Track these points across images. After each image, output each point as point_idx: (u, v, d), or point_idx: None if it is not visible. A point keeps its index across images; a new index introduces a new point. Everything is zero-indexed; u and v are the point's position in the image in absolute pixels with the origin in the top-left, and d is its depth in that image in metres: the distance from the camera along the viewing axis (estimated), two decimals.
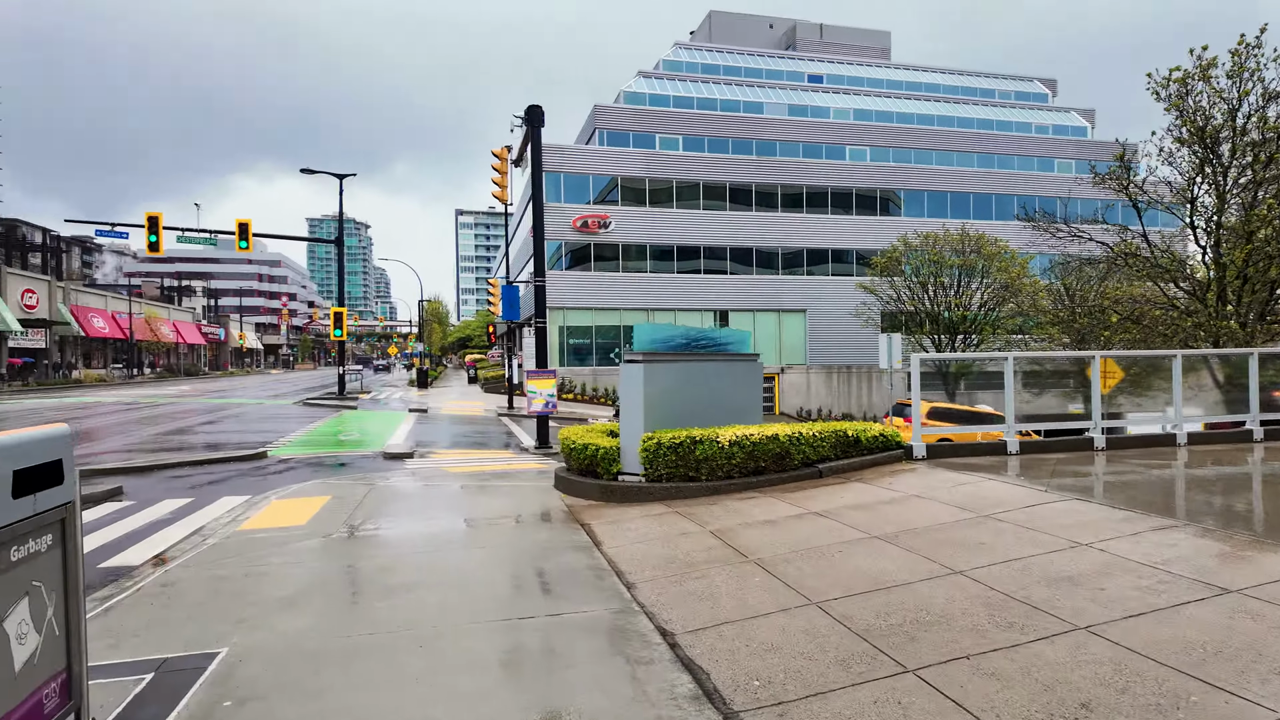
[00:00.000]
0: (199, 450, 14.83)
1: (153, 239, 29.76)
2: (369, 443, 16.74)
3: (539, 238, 15.43)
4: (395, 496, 9.23)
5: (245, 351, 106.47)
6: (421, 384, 42.77)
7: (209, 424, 20.71)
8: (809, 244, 43.89)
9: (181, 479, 11.02)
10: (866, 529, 6.29)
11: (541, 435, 15.64)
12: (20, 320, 51.28)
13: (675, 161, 42.07)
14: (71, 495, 3.44)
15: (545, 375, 15.54)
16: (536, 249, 15.45)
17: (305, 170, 32.64)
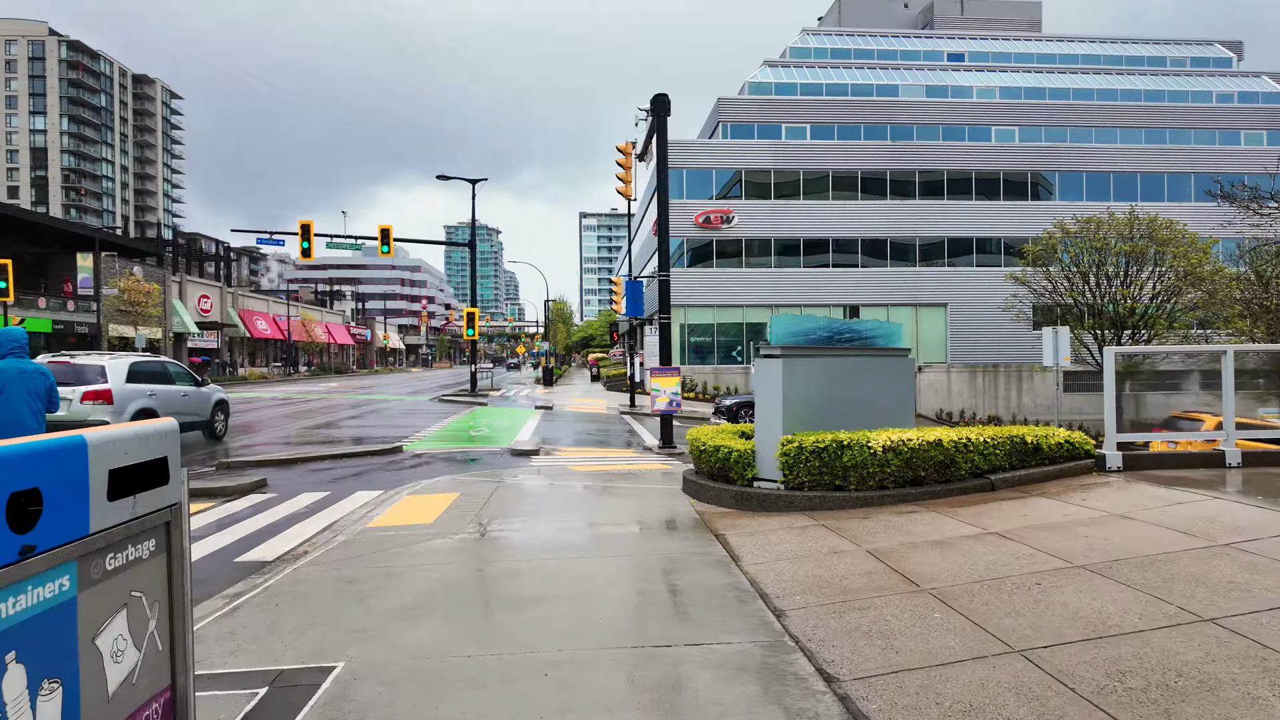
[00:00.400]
0: (341, 444, 15.42)
1: (305, 245, 31.91)
2: (497, 439, 16.87)
3: (664, 229, 14.90)
4: (520, 496, 8.94)
5: (389, 351, 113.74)
6: (547, 382, 43.64)
7: (353, 419, 21.77)
8: (950, 233, 40.94)
9: (322, 472, 11.33)
10: (1067, 556, 5.21)
11: (665, 435, 15.11)
12: (196, 323, 57.15)
13: (802, 151, 40.47)
14: (178, 496, 3.15)
15: (669, 373, 15.00)
16: (661, 241, 14.92)
17: (441, 177, 33.96)
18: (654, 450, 15.02)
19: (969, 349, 41.00)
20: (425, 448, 14.76)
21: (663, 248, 15.05)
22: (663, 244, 15.00)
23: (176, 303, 55.53)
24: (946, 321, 41.02)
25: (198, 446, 14.64)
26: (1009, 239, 41.20)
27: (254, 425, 19.43)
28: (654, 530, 7.00)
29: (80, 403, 12.13)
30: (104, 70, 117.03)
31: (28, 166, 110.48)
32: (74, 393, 12.07)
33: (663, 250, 15.05)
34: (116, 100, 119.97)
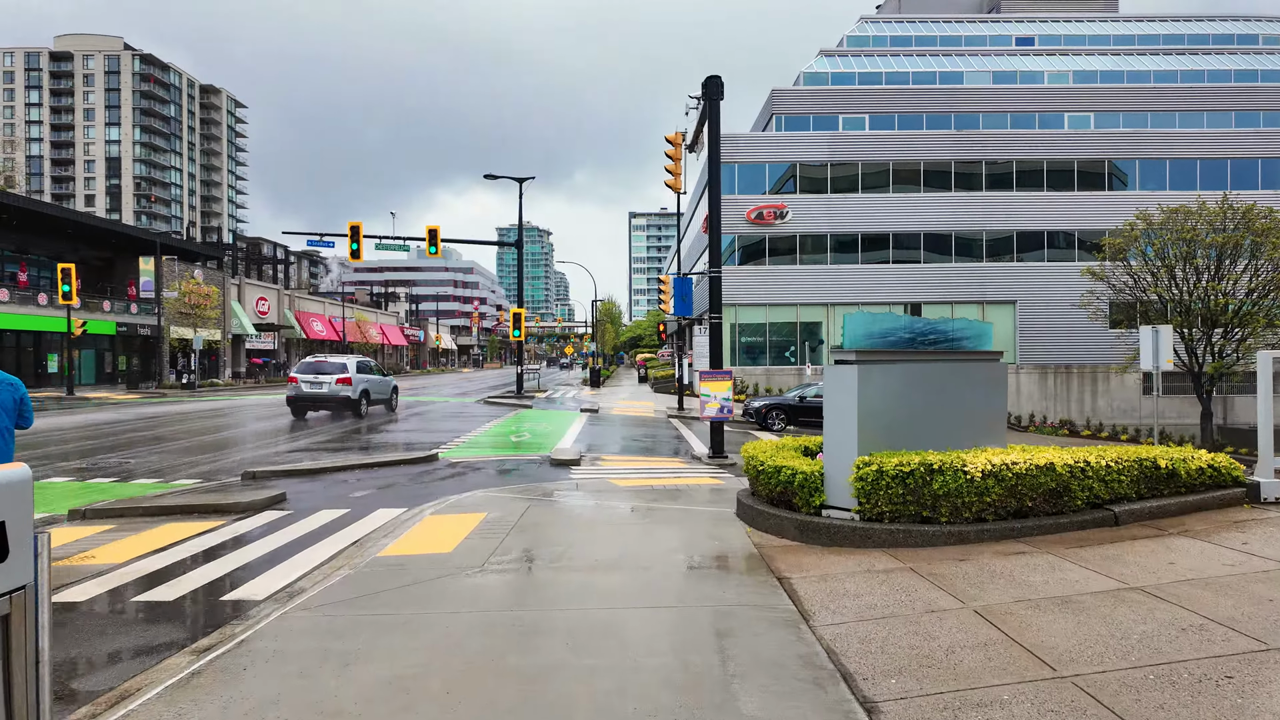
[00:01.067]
0: (374, 451, 14.78)
1: (354, 247, 31.80)
2: (538, 445, 16.03)
3: (715, 223, 13.78)
4: (553, 518, 7.98)
5: (441, 351, 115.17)
6: (594, 383, 42.87)
7: (392, 423, 21.25)
8: (1018, 226, 38.59)
9: (346, 484, 10.60)
10: (1254, 631, 3.93)
11: (716, 443, 13.99)
12: (254, 325, 58.35)
13: (861, 142, 38.68)
14: (25, 576, 2.22)
15: (720, 376, 13.87)
16: (712, 236, 13.81)
17: (488, 176, 33.47)
18: (703, 460, 13.92)
19: (1039, 349, 38.62)
20: (462, 455, 13.98)
21: (714, 243, 13.93)
22: (714, 239, 13.89)
23: (235, 305, 56.77)
24: (1015, 320, 38.69)
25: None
26: (1083, 232, 38.66)
27: (290, 429, 19.03)
28: (705, 570, 5.92)
29: (335, 384, 20.69)
30: (173, 81, 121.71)
31: (103, 175, 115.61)
32: (329, 379, 20.72)
33: (713, 246, 13.93)
34: (184, 110, 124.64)
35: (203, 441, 15.71)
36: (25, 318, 37.92)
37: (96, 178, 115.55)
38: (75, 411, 23.88)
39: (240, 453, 14.14)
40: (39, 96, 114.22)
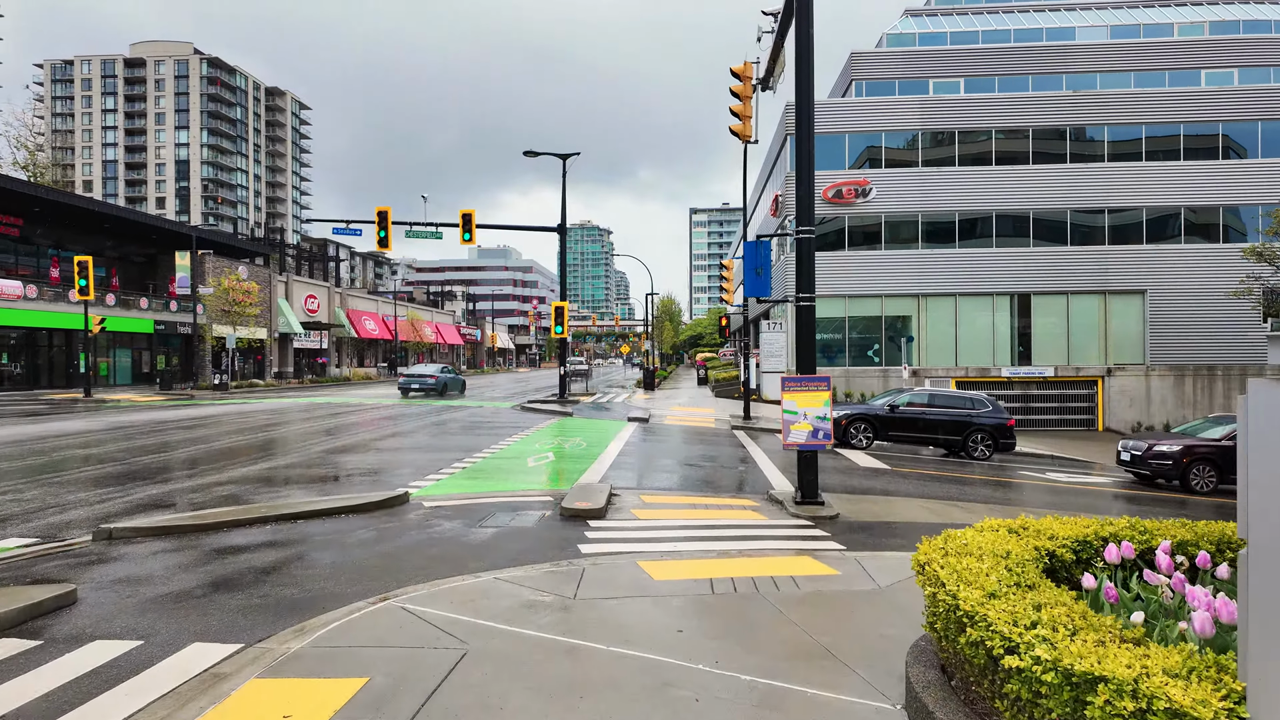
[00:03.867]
0: (336, 484, 10.96)
1: (381, 234, 28.62)
2: (559, 474, 11.96)
3: (805, 162, 9.38)
4: (506, 693, 3.80)
5: (498, 350, 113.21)
6: (648, 385, 38.70)
7: (396, 435, 17.57)
8: (1149, 202, 32.55)
9: (219, 560, 6.68)
10: None
11: (805, 483, 9.59)
12: (303, 323, 56.46)
13: (958, 108, 33.30)
14: None
15: (812, 385, 9.48)
16: (801, 179, 9.41)
17: (528, 153, 29.78)
18: (786, 506, 9.53)
19: (1174, 347, 32.52)
20: (443, 494, 9.99)
21: (803, 192, 9.52)
22: (804, 184, 9.49)
23: (282, 302, 54.96)
24: (1144, 313, 32.68)
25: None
26: (1232, 207, 32.36)
27: (262, 446, 15.48)
28: None
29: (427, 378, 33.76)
30: (239, 84, 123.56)
31: (173, 178, 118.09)
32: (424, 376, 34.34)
33: (803, 196, 9.52)
34: (250, 113, 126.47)
35: (130, 467, 12.23)
36: (56, 315, 36.25)
37: (167, 180, 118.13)
38: (45, 420, 21.08)
39: (157, 485, 10.53)
40: (114, 103, 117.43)
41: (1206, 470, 14.76)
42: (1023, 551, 3.55)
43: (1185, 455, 14.83)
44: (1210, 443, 15.14)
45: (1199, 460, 14.81)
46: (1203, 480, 14.71)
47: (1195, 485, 14.68)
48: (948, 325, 33.29)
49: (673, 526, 8.22)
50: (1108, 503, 12.79)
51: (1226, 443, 14.95)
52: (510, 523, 8.16)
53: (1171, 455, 14.93)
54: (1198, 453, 14.89)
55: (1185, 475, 14.73)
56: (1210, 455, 14.86)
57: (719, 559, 6.58)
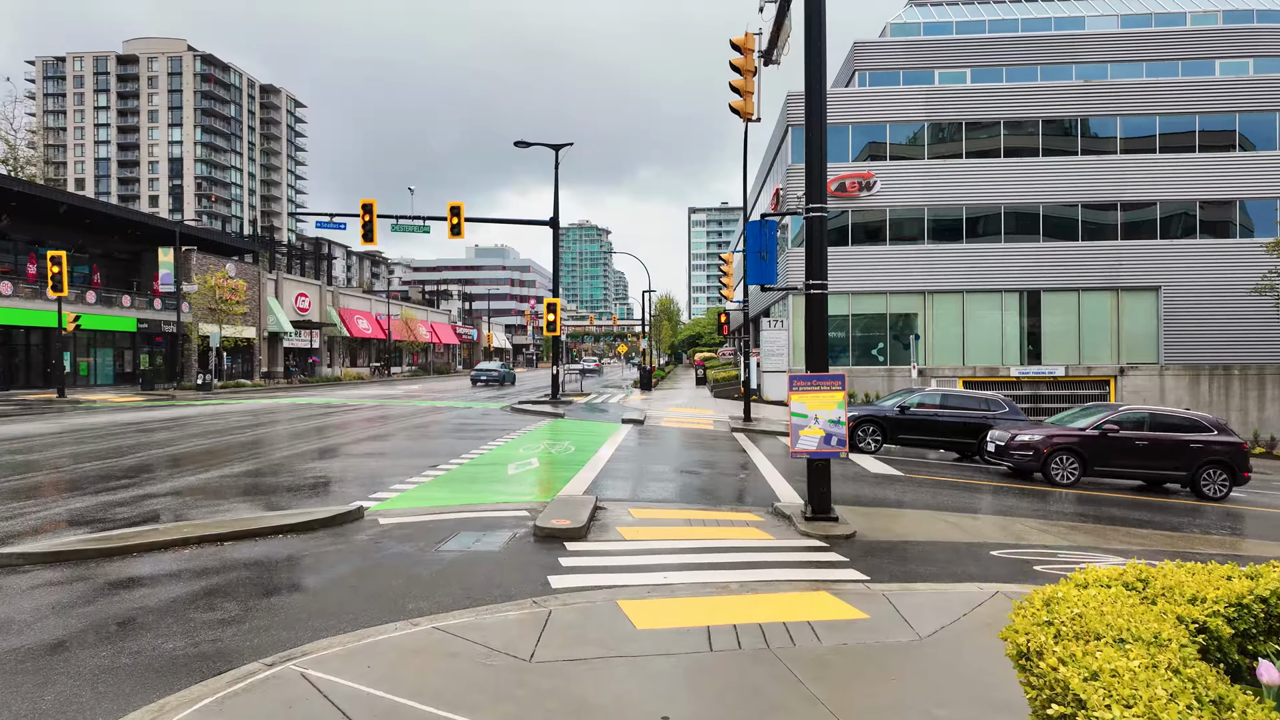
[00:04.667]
0: (289, 495, 9.79)
1: (367, 227, 27.49)
2: (541, 484, 10.79)
3: (817, 126, 8.22)
4: None
5: (494, 350, 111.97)
6: (645, 385, 37.51)
7: (375, 438, 16.39)
8: (1163, 195, 31.41)
9: (98, 599, 5.51)
10: None
11: (816, 495, 8.41)
12: (293, 322, 55.21)
13: (965, 98, 32.15)
14: None
15: (824, 385, 8.31)
16: (811, 147, 8.25)
17: (519, 143, 28.62)
18: (795, 522, 8.35)
19: (1189, 345, 31.39)
20: (404, 507, 8.81)
21: (814, 164, 8.36)
22: (814, 153, 8.32)
23: (271, 301, 53.70)
24: (1158, 310, 31.55)
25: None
26: (1250, 199, 31.23)
27: (213, 453, 14.30)
28: None
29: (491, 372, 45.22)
30: (234, 82, 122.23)
31: (166, 176, 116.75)
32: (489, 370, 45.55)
33: (814, 168, 8.35)
34: (245, 110, 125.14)
35: (66, 475, 11.10)
36: (32, 313, 35.01)
37: (160, 178, 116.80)
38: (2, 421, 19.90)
39: (86, 497, 9.36)
40: (107, 100, 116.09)
41: (1069, 461, 13.80)
42: (1171, 630, 2.38)
43: (1046, 445, 13.87)
44: (1074, 433, 14.18)
45: (1061, 451, 13.84)
46: (1064, 471, 13.81)
47: (1056, 477, 13.75)
48: (954, 323, 32.15)
49: (664, 549, 7.04)
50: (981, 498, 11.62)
51: (1091, 433, 14.01)
52: (473, 545, 6.97)
53: (1032, 446, 13.99)
54: (1059, 443, 13.89)
55: (1046, 466, 13.81)
56: (1073, 446, 13.90)
57: (718, 595, 5.40)
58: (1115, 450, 13.92)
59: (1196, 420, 14.62)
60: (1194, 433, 14.06)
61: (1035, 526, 9.24)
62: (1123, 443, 13.94)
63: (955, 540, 8.04)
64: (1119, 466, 14.04)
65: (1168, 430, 14.13)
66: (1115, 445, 13.94)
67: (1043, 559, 7.27)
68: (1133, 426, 14.16)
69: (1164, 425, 14.24)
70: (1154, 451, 13.94)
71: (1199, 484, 13.79)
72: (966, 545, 7.78)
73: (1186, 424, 14.38)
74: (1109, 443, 13.93)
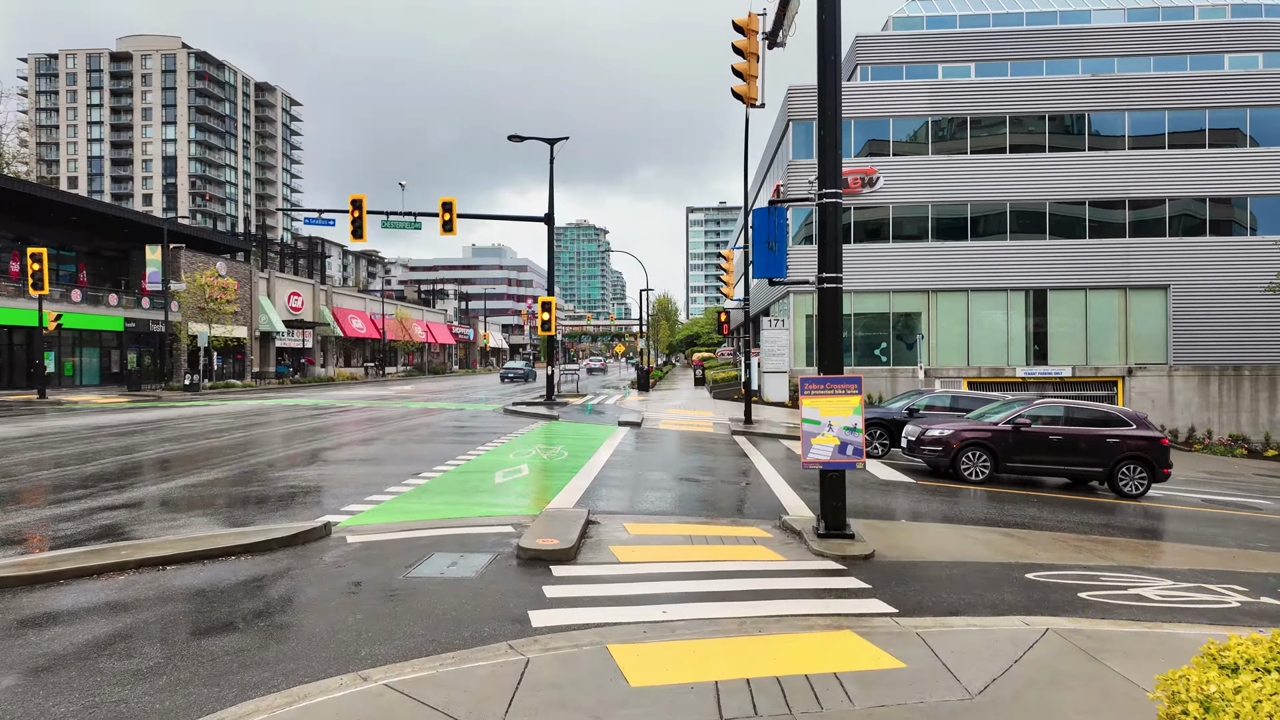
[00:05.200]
0: (255, 508, 9.01)
1: (356, 223, 26.74)
2: (530, 495, 10.02)
3: (831, 102, 7.46)
4: None
5: (490, 350, 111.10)
6: (642, 386, 36.73)
7: (359, 443, 15.60)
8: (1173, 192, 30.70)
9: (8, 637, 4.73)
10: None
11: (832, 510, 7.64)
12: (285, 321, 54.35)
13: (970, 92, 31.43)
14: None
15: (839, 388, 7.55)
16: (824, 126, 7.49)
17: (513, 137, 27.81)
18: (806, 539, 7.58)
19: (1199, 345, 30.69)
20: (377, 523, 8.04)
21: (828, 144, 7.59)
22: (828, 132, 7.56)
23: (263, 300, 52.86)
24: (1167, 309, 30.84)
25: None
26: (1259, 199, 30.54)
27: (183, 459, 13.52)
28: None
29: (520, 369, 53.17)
30: (228, 79, 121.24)
31: (160, 174, 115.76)
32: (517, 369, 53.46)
33: (828, 150, 7.59)
34: (240, 108, 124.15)
35: (15, 486, 10.32)
36: (15, 312, 34.14)
37: (153, 177, 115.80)
38: None
39: (29, 510, 8.59)
40: (100, 98, 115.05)
41: (980, 457, 13.16)
42: None
43: (955, 440, 13.25)
44: (986, 427, 13.52)
45: (972, 446, 13.18)
46: (975, 468, 13.18)
47: (966, 473, 13.12)
48: (959, 323, 31.42)
49: (663, 574, 6.27)
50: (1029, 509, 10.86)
51: (1004, 427, 13.29)
52: (447, 570, 6.20)
53: (942, 441, 13.36)
54: (969, 438, 13.23)
55: (956, 462, 13.20)
56: (984, 440, 13.26)
57: (727, 637, 4.63)
58: (1028, 446, 13.21)
59: (1114, 414, 13.91)
60: (1111, 427, 13.34)
61: (1068, 541, 8.47)
62: (1036, 438, 13.22)
63: (984, 559, 7.28)
64: (1032, 462, 13.34)
65: (1084, 424, 13.38)
66: (1028, 440, 13.22)
67: (1085, 583, 6.51)
68: (1047, 421, 13.47)
69: (1080, 419, 13.50)
70: (1069, 447, 13.20)
71: (1117, 480, 13.08)
72: (998, 566, 7.02)
73: (1104, 418, 13.65)
74: (1022, 438, 13.20)
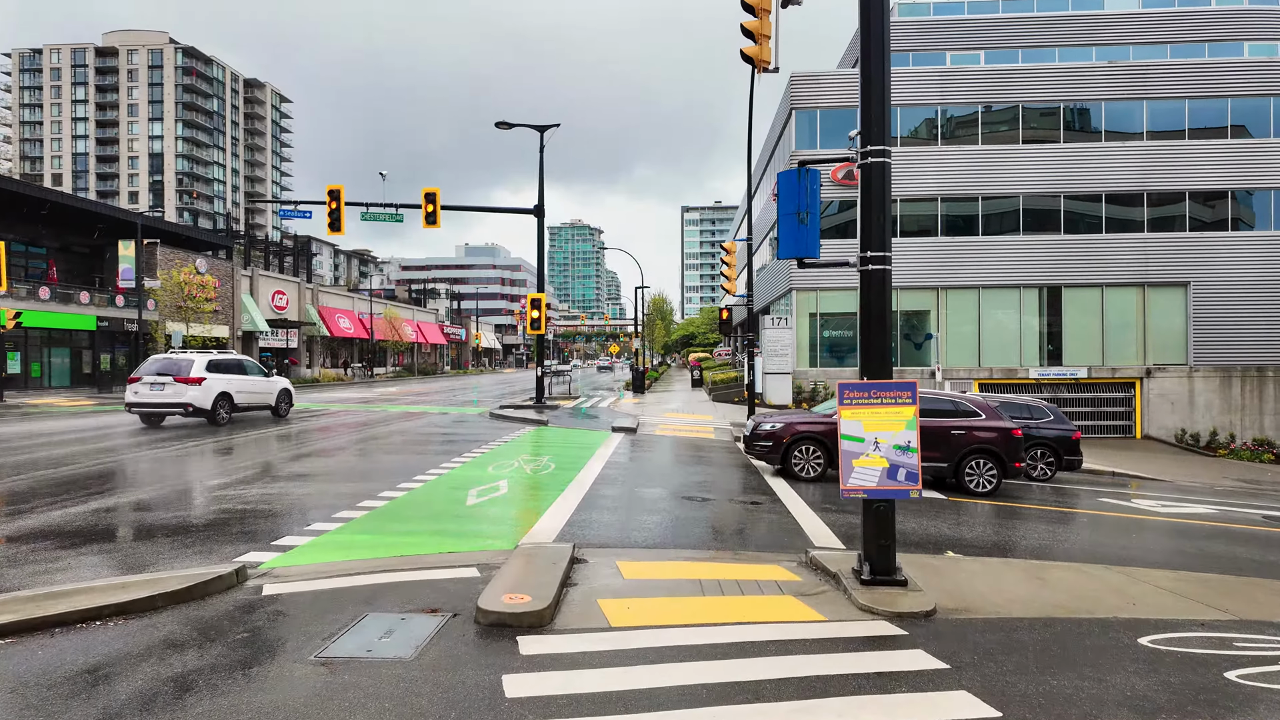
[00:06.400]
0: (169, 541, 7.39)
1: (333, 215, 25.19)
2: (505, 520, 8.43)
3: (878, 40, 5.90)
4: None
5: (483, 350, 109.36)
6: (637, 388, 35.15)
7: (319, 454, 13.98)
8: (1193, 185, 29.31)
9: None
10: None
11: (878, 548, 6.06)
12: (269, 320, 52.59)
13: (981, 80, 30.00)
14: None
15: (887, 396, 5.99)
16: (870, 64, 5.92)
17: (500, 124, 26.21)
18: (845, 585, 6.01)
19: (1220, 345, 29.29)
20: (310, 563, 6.43)
21: (875, 90, 6.03)
22: (875, 74, 6.01)
23: (246, 298, 51.13)
24: (1187, 307, 29.42)
25: None
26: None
27: (112, 475, 11.90)
28: None
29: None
30: (216, 75, 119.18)
31: (146, 172, 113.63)
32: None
33: (875, 97, 6.03)
34: (228, 105, 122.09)
35: None
36: None
37: (140, 174, 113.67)
38: None
39: None
40: (85, 94, 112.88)
41: (813, 451, 12.32)
42: None
43: (786, 434, 12.42)
44: (818, 419, 12.51)
45: (803, 440, 12.33)
46: (807, 464, 12.30)
47: (798, 470, 12.29)
48: (969, 321, 29.95)
49: (669, 652, 4.68)
50: None
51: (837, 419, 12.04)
52: (377, 645, 4.60)
53: (773, 435, 12.55)
54: (801, 431, 12.37)
55: (786, 458, 12.37)
56: (816, 434, 12.27)
57: None
58: None
59: (962, 403, 12.57)
60: (958, 417, 12.08)
61: (1155, 581, 6.91)
62: None
63: (1074, 611, 5.72)
64: None
65: (927, 415, 12.03)
66: None
67: (1220, 651, 4.96)
68: None
69: (925, 409, 12.11)
70: None
71: (963, 477, 11.84)
72: (1095, 624, 5.46)
73: (949, 408, 12.36)
74: None
